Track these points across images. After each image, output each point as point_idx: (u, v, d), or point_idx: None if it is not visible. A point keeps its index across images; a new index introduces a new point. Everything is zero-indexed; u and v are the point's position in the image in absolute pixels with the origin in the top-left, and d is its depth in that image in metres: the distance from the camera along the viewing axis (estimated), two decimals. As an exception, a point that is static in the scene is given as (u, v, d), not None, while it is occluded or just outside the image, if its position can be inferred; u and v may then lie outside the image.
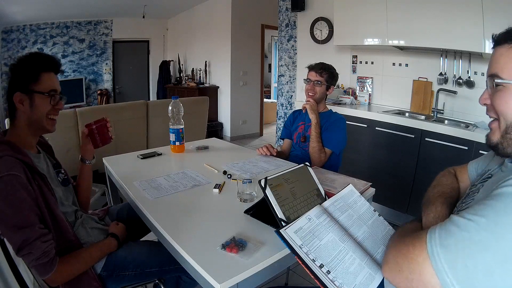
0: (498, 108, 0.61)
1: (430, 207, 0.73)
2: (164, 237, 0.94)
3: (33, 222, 0.86)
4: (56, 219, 0.95)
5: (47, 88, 1.00)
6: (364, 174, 2.39)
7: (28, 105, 0.98)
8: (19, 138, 0.99)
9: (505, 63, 0.60)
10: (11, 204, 0.84)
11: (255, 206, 1.06)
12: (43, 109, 1.00)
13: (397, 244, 0.61)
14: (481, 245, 0.49)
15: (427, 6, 2.31)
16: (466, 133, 2.06)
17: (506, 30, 0.61)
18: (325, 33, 3.37)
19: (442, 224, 0.55)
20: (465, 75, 2.41)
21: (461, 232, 0.51)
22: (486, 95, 0.64)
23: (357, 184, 1.25)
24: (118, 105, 3.50)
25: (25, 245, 0.84)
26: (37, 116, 0.99)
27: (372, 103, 3.06)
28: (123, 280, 1.10)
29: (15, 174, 0.85)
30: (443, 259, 0.51)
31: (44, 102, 1.00)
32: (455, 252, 0.51)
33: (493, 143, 0.64)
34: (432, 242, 0.54)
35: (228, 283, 0.73)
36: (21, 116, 0.99)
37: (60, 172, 1.13)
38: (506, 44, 0.60)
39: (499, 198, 0.51)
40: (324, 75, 1.74)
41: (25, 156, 0.92)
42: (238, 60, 5.07)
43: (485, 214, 0.51)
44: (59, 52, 5.44)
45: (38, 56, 1.02)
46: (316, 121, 1.68)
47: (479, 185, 0.69)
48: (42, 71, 0.99)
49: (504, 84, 0.59)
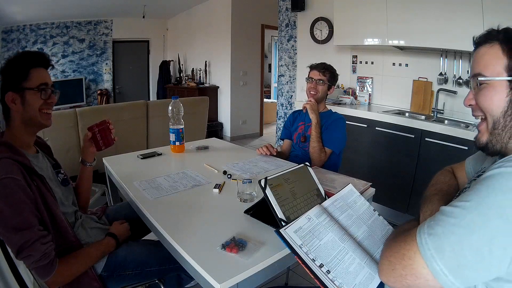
0: (484, 105, 0.62)
1: (427, 204, 0.73)
2: (164, 237, 0.94)
3: (32, 224, 0.86)
4: (56, 220, 0.95)
5: (36, 83, 0.98)
6: (364, 174, 2.39)
7: (20, 103, 0.97)
8: (15, 138, 0.99)
9: (487, 61, 0.61)
10: (10, 206, 0.83)
11: (255, 206, 1.06)
12: (35, 104, 0.99)
13: (389, 244, 0.61)
14: (466, 228, 0.50)
15: (427, 6, 2.31)
16: (466, 133, 2.06)
17: (486, 31, 0.63)
18: (325, 33, 3.37)
19: (431, 217, 0.56)
20: (465, 75, 2.41)
21: (448, 218, 0.52)
22: (471, 95, 0.66)
23: (357, 184, 1.25)
24: (118, 105, 3.50)
25: (24, 247, 0.84)
26: (30, 113, 0.99)
27: (372, 103, 3.06)
28: (124, 280, 1.10)
29: (13, 177, 0.85)
30: (431, 247, 0.52)
31: (35, 97, 0.99)
32: (442, 238, 0.51)
33: (482, 143, 0.65)
34: (421, 233, 0.54)
35: (228, 283, 0.73)
36: (15, 115, 0.98)
37: (60, 172, 1.13)
38: (486, 44, 0.62)
39: (484, 182, 0.52)
40: (327, 75, 1.75)
41: (23, 157, 0.91)
42: (238, 60, 5.07)
43: (470, 198, 0.52)
44: (59, 52, 5.44)
45: (26, 54, 1.02)
46: (316, 121, 1.68)
47: (472, 182, 0.70)
48: (31, 68, 0.98)
49: (487, 81, 0.61)
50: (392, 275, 0.57)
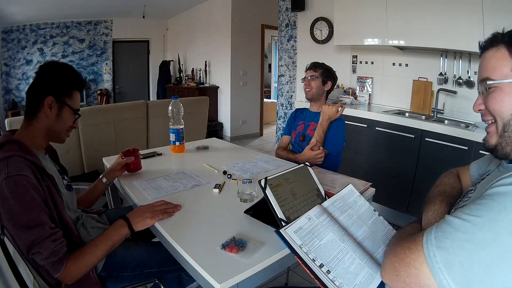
0: (494, 109, 0.62)
1: (430, 205, 0.73)
2: (164, 237, 0.94)
3: (43, 221, 0.86)
4: (63, 219, 0.95)
5: (76, 106, 1.06)
6: (364, 174, 2.39)
7: (55, 113, 1.00)
8: (31, 138, 0.99)
9: (494, 65, 0.61)
10: (22, 204, 0.84)
11: (255, 206, 1.06)
12: (67, 123, 1.05)
13: (394, 248, 0.61)
14: (477, 245, 0.49)
15: (427, 6, 2.31)
16: (466, 133, 2.06)
17: (491, 35, 0.63)
18: (325, 33, 3.37)
19: (437, 225, 0.56)
20: (465, 75, 2.41)
21: (457, 232, 0.52)
22: (480, 100, 0.65)
23: (357, 184, 1.25)
24: (118, 105, 3.50)
25: (34, 245, 0.84)
26: (60, 127, 1.04)
27: (372, 103, 3.06)
28: (123, 281, 1.10)
29: (25, 175, 0.85)
30: (439, 261, 0.51)
31: (70, 117, 1.05)
32: (451, 253, 0.51)
33: (491, 145, 0.64)
34: (429, 244, 0.54)
35: (228, 283, 0.73)
36: (43, 119, 1.00)
37: (64, 178, 1.13)
38: (492, 47, 0.62)
39: (494, 197, 0.52)
40: (318, 70, 1.79)
41: (34, 156, 0.92)
42: (238, 60, 5.07)
43: (480, 214, 0.51)
44: (59, 52, 5.44)
45: (73, 72, 1.06)
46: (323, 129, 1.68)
47: (477, 184, 0.70)
48: (74, 88, 1.05)
49: (496, 84, 0.60)
50: (396, 280, 0.57)
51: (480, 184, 0.67)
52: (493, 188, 0.53)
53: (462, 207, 0.56)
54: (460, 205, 0.67)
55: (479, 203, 0.53)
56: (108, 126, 2.64)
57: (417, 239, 0.57)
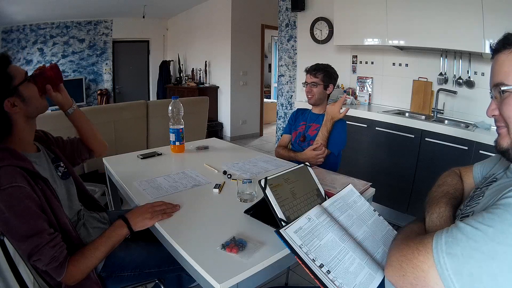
0: (509, 115, 0.60)
1: (434, 206, 0.72)
2: (164, 237, 0.94)
3: (40, 229, 0.86)
4: (60, 222, 0.95)
5: (22, 76, 0.97)
6: (364, 174, 2.39)
7: (21, 102, 0.95)
8: (19, 141, 0.97)
9: (508, 69, 0.59)
10: (17, 215, 0.83)
11: (255, 206, 1.06)
12: (34, 93, 0.99)
13: (401, 247, 0.60)
14: (487, 254, 0.49)
15: (427, 6, 2.31)
16: (466, 133, 2.06)
17: (503, 36, 0.61)
18: (325, 33, 3.37)
19: (448, 230, 0.55)
20: (465, 75, 2.41)
21: (468, 240, 0.52)
22: (494, 105, 0.63)
23: (357, 184, 1.25)
24: (118, 105, 3.50)
25: (34, 253, 0.84)
26: (35, 104, 0.99)
27: (372, 103, 3.06)
28: (123, 281, 1.10)
29: (17, 185, 0.84)
30: (449, 267, 0.51)
31: (31, 87, 0.98)
32: (461, 261, 0.51)
33: (503, 148, 0.63)
34: (439, 249, 0.54)
35: (228, 283, 0.73)
36: (17, 118, 0.96)
37: (60, 166, 1.11)
38: (505, 50, 0.59)
39: (507, 208, 0.51)
40: (319, 76, 1.77)
41: (26, 162, 0.90)
42: (238, 60, 5.07)
43: (493, 224, 0.51)
44: (59, 52, 5.44)
45: None
46: (327, 129, 1.68)
47: (484, 189, 0.68)
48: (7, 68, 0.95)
49: (510, 90, 0.58)
50: (402, 280, 0.57)
51: (490, 191, 0.66)
52: (506, 198, 0.53)
53: (474, 215, 0.56)
54: (467, 210, 0.66)
55: (492, 212, 0.52)
56: (108, 126, 2.64)
57: (426, 241, 0.56)
